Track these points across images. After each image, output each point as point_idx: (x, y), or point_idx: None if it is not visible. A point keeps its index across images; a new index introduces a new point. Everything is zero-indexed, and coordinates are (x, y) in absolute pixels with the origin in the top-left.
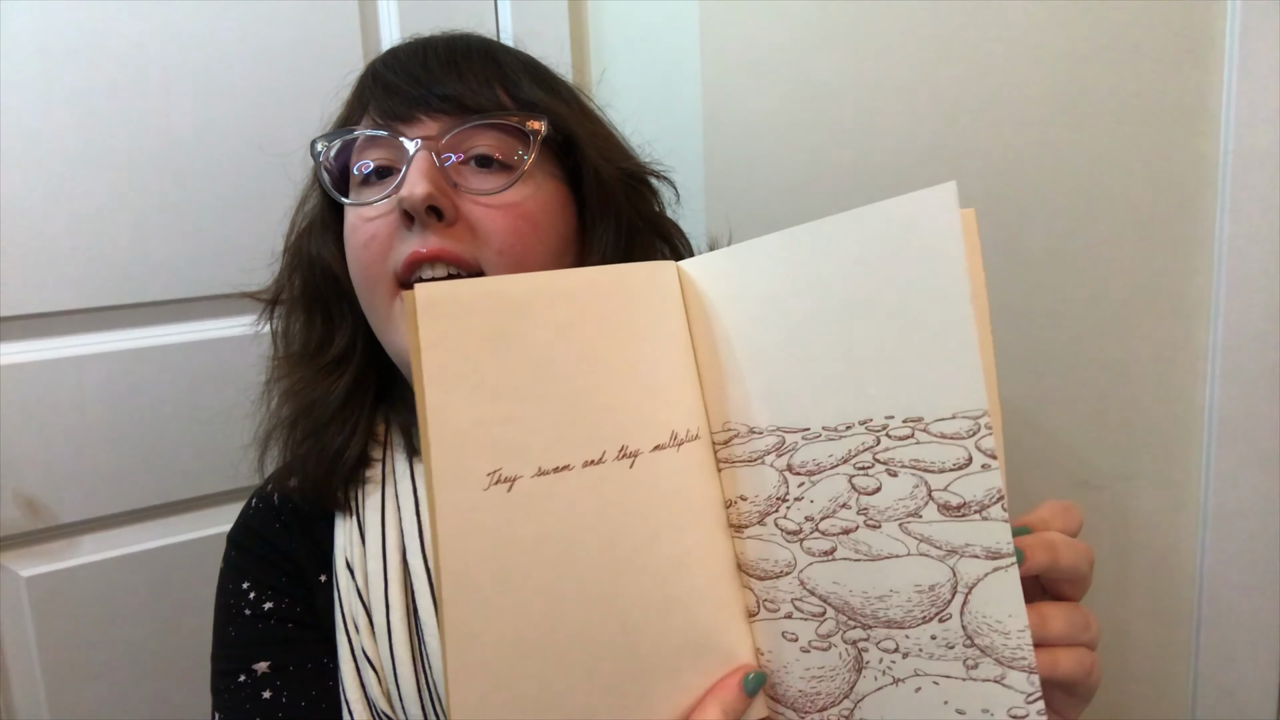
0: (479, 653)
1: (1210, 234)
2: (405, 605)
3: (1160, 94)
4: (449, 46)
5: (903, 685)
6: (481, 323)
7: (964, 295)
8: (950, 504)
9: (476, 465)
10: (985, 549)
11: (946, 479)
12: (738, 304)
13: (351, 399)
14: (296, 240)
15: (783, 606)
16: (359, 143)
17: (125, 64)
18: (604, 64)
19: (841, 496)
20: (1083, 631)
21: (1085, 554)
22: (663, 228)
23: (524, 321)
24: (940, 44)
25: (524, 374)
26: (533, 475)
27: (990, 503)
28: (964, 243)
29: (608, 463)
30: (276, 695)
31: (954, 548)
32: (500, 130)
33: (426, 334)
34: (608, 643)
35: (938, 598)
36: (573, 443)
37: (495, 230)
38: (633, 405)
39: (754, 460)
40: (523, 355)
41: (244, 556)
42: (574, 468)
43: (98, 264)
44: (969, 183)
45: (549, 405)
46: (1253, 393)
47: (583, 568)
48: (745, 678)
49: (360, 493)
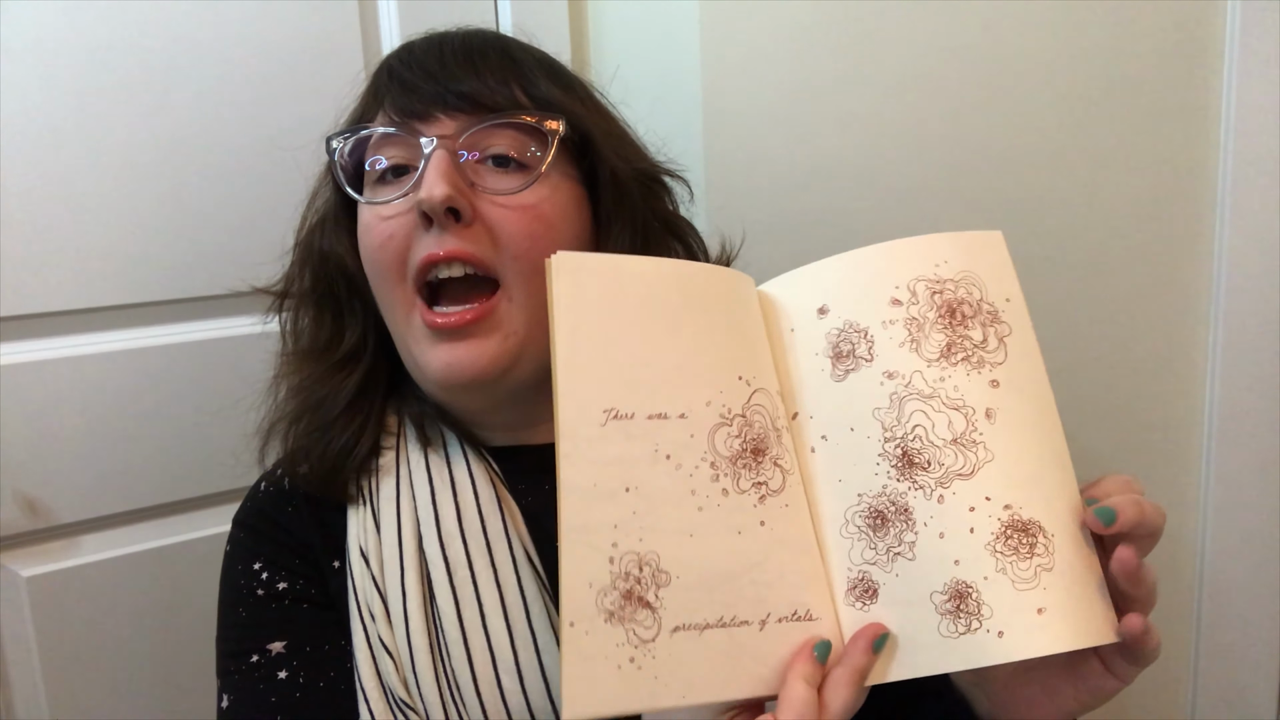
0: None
1: (1210, 234)
2: (422, 593)
3: (1160, 94)
4: (465, 43)
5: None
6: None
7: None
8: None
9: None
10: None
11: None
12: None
13: (361, 396)
14: (308, 235)
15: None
16: (374, 139)
17: (125, 63)
18: (604, 64)
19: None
20: (1155, 585)
21: (1161, 512)
22: (677, 227)
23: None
24: (940, 44)
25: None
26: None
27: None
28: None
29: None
30: (293, 675)
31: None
32: (518, 129)
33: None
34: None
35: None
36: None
37: (512, 234)
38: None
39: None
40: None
41: (254, 537)
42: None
43: (98, 264)
44: (969, 182)
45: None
46: (1253, 393)
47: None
48: (815, 648)
49: (373, 482)
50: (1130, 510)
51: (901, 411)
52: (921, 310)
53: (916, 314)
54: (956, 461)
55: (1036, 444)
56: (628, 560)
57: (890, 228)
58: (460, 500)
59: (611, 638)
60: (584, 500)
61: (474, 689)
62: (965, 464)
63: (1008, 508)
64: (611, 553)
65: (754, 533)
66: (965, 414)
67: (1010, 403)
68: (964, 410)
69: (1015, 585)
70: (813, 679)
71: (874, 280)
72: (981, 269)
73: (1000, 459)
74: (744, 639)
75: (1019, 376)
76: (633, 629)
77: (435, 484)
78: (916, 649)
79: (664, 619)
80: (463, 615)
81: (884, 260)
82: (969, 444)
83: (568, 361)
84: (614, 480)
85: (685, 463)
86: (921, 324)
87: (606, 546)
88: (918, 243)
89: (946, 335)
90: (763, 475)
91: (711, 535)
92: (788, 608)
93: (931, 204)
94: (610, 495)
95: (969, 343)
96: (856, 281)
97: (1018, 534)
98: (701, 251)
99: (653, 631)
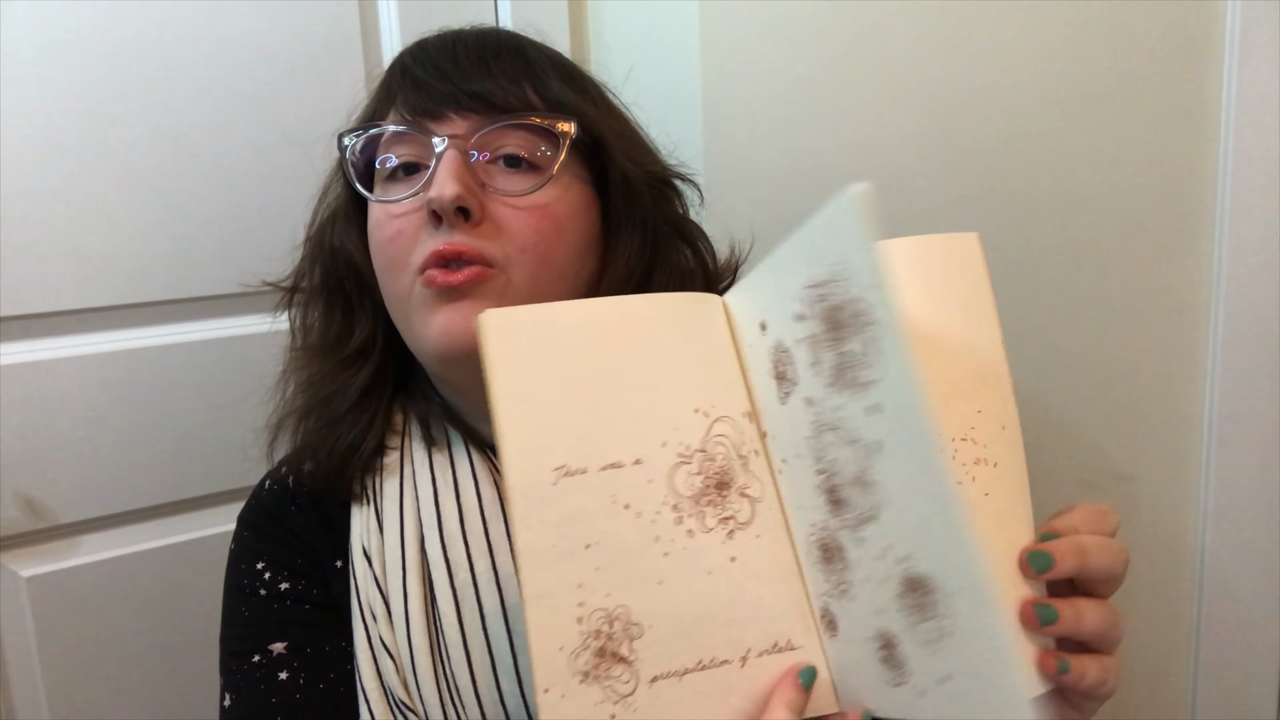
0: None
1: (1210, 234)
2: (423, 595)
3: (1160, 93)
4: (479, 42)
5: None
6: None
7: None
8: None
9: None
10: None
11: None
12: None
13: (369, 392)
14: (318, 230)
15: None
16: (385, 137)
17: (124, 63)
18: (604, 64)
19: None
20: (1113, 629)
21: (1119, 555)
22: (686, 231)
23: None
24: (940, 43)
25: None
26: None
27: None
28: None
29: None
30: (294, 676)
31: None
32: (529, 130)
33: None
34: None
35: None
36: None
37: (521, 230)
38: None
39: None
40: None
41: (258, 537)
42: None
43: (98, 264)
44: (969, 182)
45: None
46: (1253, 393)
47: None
48: (800, 674)
49: (377, 481)
50: (1069, 559)
51: (820, 442)
52: (815, 324)
53: (814, 328)
54: (864, 501)
55: (929, 482)
56: (596, 618)
57: (890, 228)
58: (463, 501)
59: (589, 698)
60: (543, 564)
61: (473, 691)
62: (870, 505)
63: (901, 561)
64: (579, 613)
65: (725, 570)
66: (860, 448)
67: (894, 433)
68: (858, 444)
69: (922, 646)
70: (795, 705)
71: (783, 290)
72: (851, 254)
73: (892, 502)
74: (726, 678)
75: (899, 397)
76: (610, 686)
77: (438, 484)
78: (864, 689)
79: (641, 671)
80: (463, 617)
81: (784, 263)
82: (868, 483)
83: (509, 421)
84: (573, 539)
85: (645, 510)
86: (816, 341)
87: (572, 607)
88: (807, 235)
89: (835, 353)
90: (729, 509)
91: (681, 580)
92: (767, 640)
93: (931, 204)
94: (570, 554)
95: (852, 359)
96: (775, 291)
97: (912, 591)
98: (710, 255)
99: (631, 685)
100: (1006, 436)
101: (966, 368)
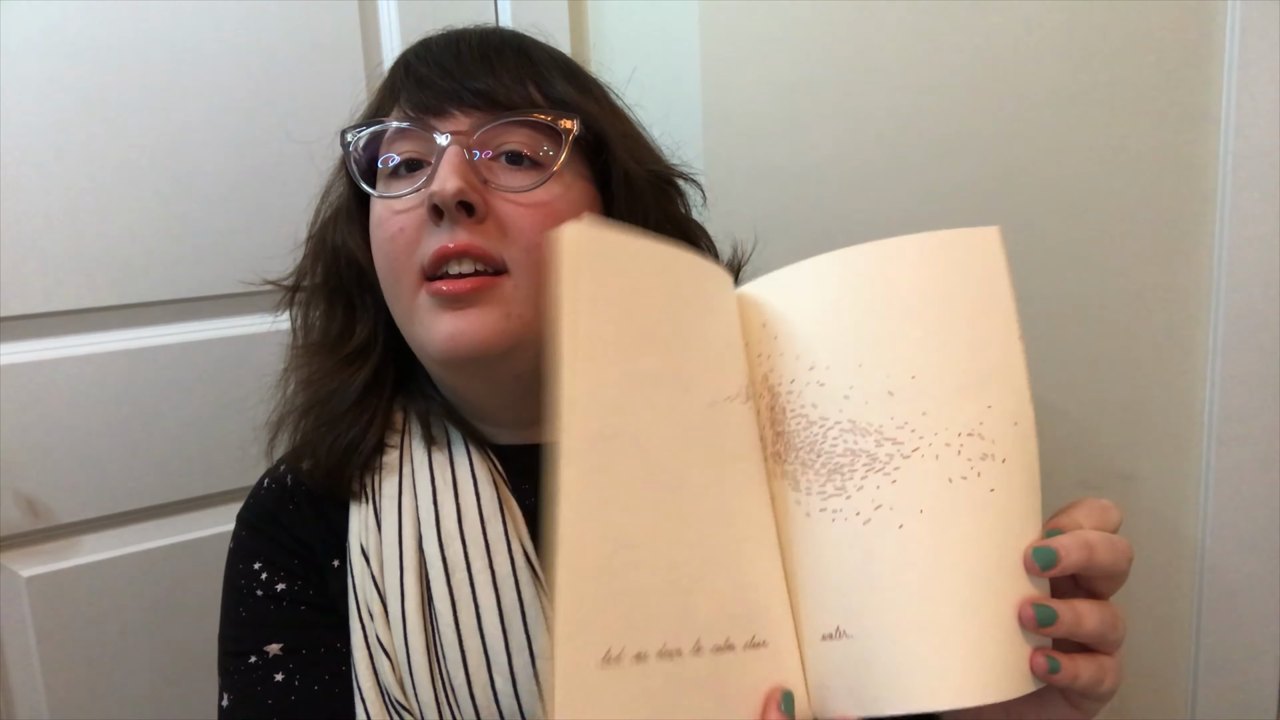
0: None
1: (1210, 234)
2: (420, 594)
3: (1160, 94)
4: (482, 40)
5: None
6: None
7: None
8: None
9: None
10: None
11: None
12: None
13: (370, 391)
14: (320, 228)
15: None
16: (389, 134)
17: (124, 63)
18: (604, 64)
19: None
20: (1112, 630)
21: (1124, 551)
22: (689, 230)
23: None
24: (940, 43)
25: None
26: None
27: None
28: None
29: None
30: (289, 678)
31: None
32: (532, 128)
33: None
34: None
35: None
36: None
37: (523, 228)
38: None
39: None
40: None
41: (256, 536)
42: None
43: (98, 264)
44: (968, 182)
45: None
46: (1253, 393)
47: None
48: (781, 700)
49: (376, 479)
50: (1074, 555)
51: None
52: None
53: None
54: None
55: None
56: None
57: (889, 228)
58: (461, 501)
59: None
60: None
61: (468, 691)
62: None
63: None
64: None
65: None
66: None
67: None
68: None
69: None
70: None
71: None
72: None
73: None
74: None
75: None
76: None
77: (437, 483)
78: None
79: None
80: (459, 617)
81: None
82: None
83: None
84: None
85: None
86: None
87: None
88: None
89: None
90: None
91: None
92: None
93: (930, 204)
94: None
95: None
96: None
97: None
98: (712, 254)
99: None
100: (1018, 433)
101: (976, 363)
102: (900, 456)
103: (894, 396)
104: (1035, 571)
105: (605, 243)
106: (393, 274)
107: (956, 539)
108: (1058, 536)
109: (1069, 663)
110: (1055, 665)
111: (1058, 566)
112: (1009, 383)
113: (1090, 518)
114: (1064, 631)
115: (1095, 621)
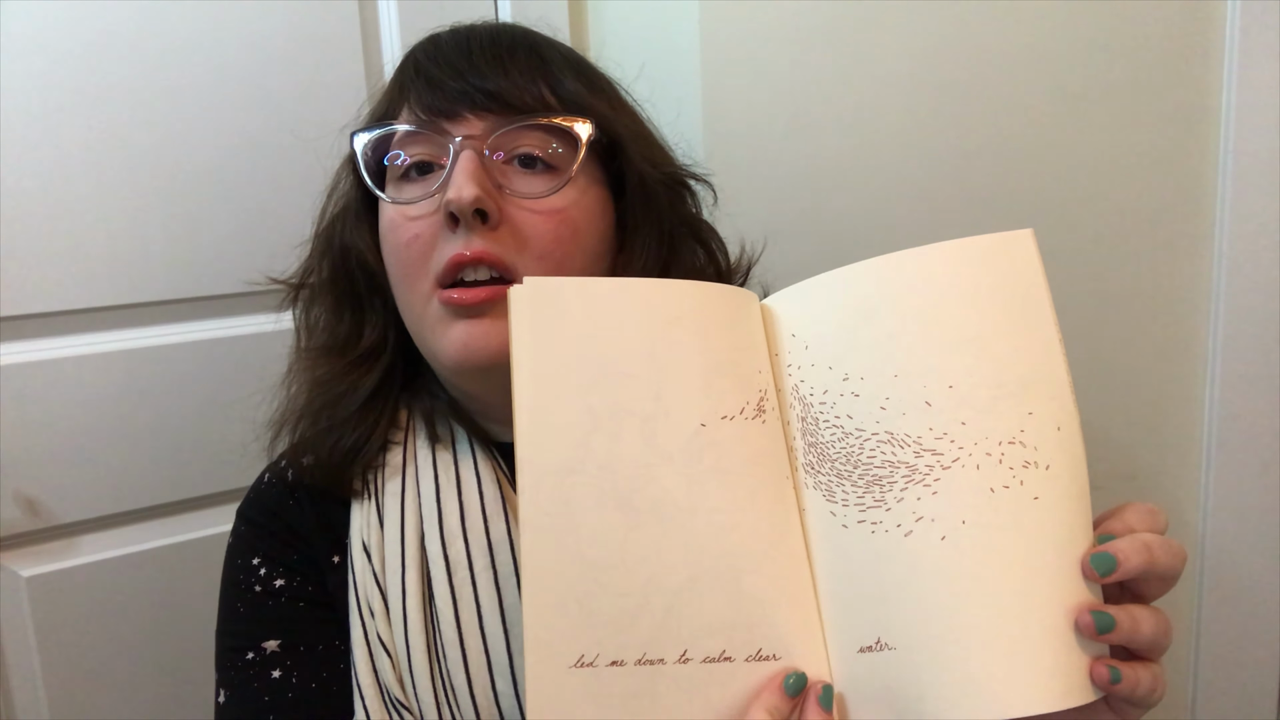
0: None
1: (1210, 234)
2: (421, 592)
3: (1160, 94)
4: (493, 39)
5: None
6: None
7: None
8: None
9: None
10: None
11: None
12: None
13: (378, 394)
14: (327, 226)
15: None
16: (398, 136)
17: (124, 63)
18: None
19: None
20: (1165, 636)
21: (1179, 554)
22: (700, 231)
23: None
24: (941, 43)
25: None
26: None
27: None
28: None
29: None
30: (286, 675)
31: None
32: (546, 131)
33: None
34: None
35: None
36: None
37: (538, 236)
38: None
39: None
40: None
41: (255, 532)
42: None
43: (98, 264)
44: (969, 182)
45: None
46: (1253, 393)
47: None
48: (785, 680)
49: (379, 477)
50: (1134, 559)
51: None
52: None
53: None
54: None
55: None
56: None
57: (889, 229)
58: (465, 500)
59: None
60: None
61: (468, 691)
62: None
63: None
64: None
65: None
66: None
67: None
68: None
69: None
70: (778, 712)
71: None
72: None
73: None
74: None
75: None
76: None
77: (441, 482)
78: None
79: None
80: (460, 616)
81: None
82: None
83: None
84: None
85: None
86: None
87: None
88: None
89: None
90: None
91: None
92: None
93: (930, 204)
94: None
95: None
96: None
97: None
98: (723, 256)
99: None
100: (1062, 438)
101: (1015, 369)
102: (940, 468)
103: (932, 407)
104: (1093, 577)
105: (556, 294)
106: (406, 280)
107: (1002, 548)
108: (1114, 541)
109: (1130, 671)
110: (1117, 675)
111: (1118, 571)
112: (1050, 388)
113: (1141, 521)
114: (1122, 638)
115: (1150, 627)
